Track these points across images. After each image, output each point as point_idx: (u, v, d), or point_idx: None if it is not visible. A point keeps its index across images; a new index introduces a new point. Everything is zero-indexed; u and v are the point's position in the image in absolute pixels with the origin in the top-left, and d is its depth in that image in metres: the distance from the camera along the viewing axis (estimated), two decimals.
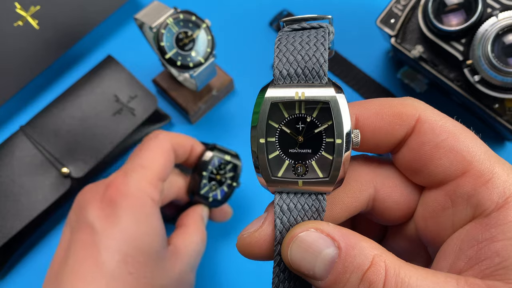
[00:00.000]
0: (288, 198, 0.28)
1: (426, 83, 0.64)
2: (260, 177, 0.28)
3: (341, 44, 0.70)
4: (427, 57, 0.58)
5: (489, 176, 0.26)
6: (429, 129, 0.28)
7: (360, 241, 0.25)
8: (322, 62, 0.27)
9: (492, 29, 0.51)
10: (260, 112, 0.27)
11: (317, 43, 0.28)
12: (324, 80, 0.27)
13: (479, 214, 0.26)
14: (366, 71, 0.69)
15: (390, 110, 0.28)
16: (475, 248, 0.25)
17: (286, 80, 0.27)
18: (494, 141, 0.65)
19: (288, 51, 0.27)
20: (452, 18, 0.54)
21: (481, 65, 0.52)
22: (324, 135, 0.27)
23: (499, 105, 0.56)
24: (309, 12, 0.71)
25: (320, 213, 0.27)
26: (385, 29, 0.59)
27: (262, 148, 0.27)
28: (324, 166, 0.27)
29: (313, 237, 0.25)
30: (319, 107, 0.27)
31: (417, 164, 0.28)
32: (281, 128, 0.27)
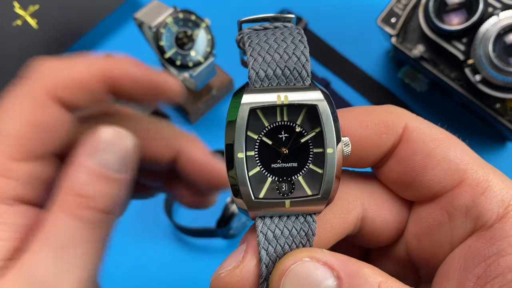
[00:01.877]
0: (272, 224, 0.23)
1: (426, 83, 0.64)
2: (240, 201, 0.23)
3: (342, 44, 0.70)
4: (428, 56, 0.57)
5: (486, 185, 0.24)
6: (418, 137, 0.25)
7: (362, 267, 0.22)
8: (304, 61, 0.23)
9: (493, 28, 0.51)
10: (237, 121, 0.23)
11: (295, 40, 0.24)
12: (308, 81, 0.24)
13: (480, 227, 0.24)
14: (367, 70, 0.69)
15: (375, 119, 0.26)
16: (482, 265, 0.23)
17: (264, 82, 0.23)
18: (494, 141, 0.65)
19: (263, 49, 0.24)
20: (453, 17, 0.54)
21: (482, 65, 0.52)
22: (311, 145, 0.24)
23: (501, 105, 0.55)
24: (309, 12, 0.71)
25: (309, 237, 0.24)
26: (386, 29, 0.59)
27: (241, 164, 0.23)
28: (313, 181, 0.23)
29: (308, 268, 0.22)
30: (304, 112, 0.23)
31: (408, 177, 0.25)
32: (261, 139, 0.23)
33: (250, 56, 0.24)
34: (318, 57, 0.69)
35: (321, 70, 0.69)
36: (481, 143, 0.65)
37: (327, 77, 0.69)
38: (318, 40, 0.70)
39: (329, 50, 0.70)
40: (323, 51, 0.70)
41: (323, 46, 0.70)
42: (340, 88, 0.68)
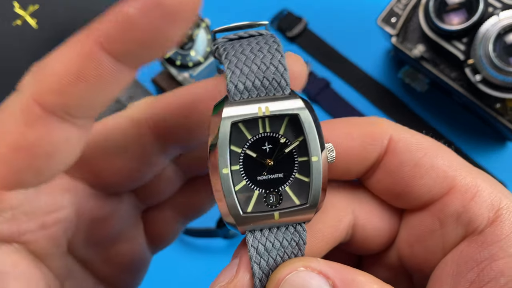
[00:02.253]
0: (263, 237, 0.23)
1: (427, 83, 0.64)
2: (228, 216, 0.23)
3: (342, 44, 0.70)
4: (428, 56, 0.57)
5: (475, 190, 0.24)
6: (404, 148, 0.25)
7: (356, 275, 0.22)
8: (282, 70, 0.23)
9: (493, 28, 0.51)
10: (219, 137, 0.22)
11: (271, 49, 0.24)
12: (287, 90, 0.23)
13: (471, 232, 0.24)
14: (367, 70, 0.69)
15: (359, 130, 0.25)
16: (475, 270, 0.23)
17: (243, 94, 0.23)
18: (494, 141, 0.65)
19: (240, 61, 0.23)
20: (453, 17, 0.54)
21: (482, 65, 0.52)
22: (295, 154, 0.23)
23: (501, 104, 0.55)
24: (309, 12, 0.71)
25: (301, 247, 0.24)
26: (386, 29, 0.59)
27: (226, 180, 0.22)
28: (301, 190, 0.23)
29: (304, 277, 0.22)
30: (286, 122, 0.23)
31: (398, 187, 0.25)
32: (245, 152, 0.23)
33: (228, 69, 0.23)
34: (318, 57, 0.69)
35: (321, 70, 0.69)
36: (481, 143, 0.65)
37: (327, 77, 0.69)
38: (318, 40, 0.70)
39: (329, 50, 0.70)
40: (323, 51, 0.70)
41: (323, 46, 0.70)
42: (340, 88, 0.68)
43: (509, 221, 0.23)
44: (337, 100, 0.68)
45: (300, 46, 0.70)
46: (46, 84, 0.22)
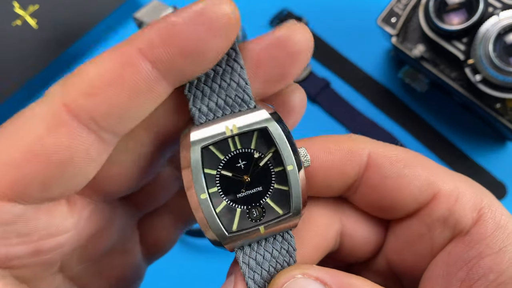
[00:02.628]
0: (253, 251, 0.23)
1: (427, 83, 0.64)
2: (214, 239, 0.23)
3: (342, 44, 0.70)
4: (428, 56, 0.57)
5: (457, 193, 0.25)
6: (384, 162, 0.25)
7: (352, 279, 0.23)
8: (243, 85, 0.23)
9: (493, 28, 0.51)
10: (191, 164, 0.22)
11: (230, 62, 0.23)
12: (251, 104, 0.23)
13: (458, 233, 0.25)
14: (367, 70, 0.68)
15: (337, 145, 0.26)
16: (464, 269, 0.24)
17: (208, 116, 0.23)
18: (495, 141, 0.65)
19: (200, 81, 0.23)
20: (453, 17, 0.54)
21: (482, 65, 0.52)
22: (271, 166, 0.23)
23: (501, 104, 0.55)
24: (309, 11, 0.71)
25: (291, 254, 0.24)
26: (386, 29, 0.59)
27: (206, 205, 0.22)
28: (282, 200, 0.23)
29: (302, 284, 0.22)
30: (256, 136, 0.23)
31: (384, 201, 0.26)
32: (220, 173, 0.23)
33: (188, 92, 0.23)
34: (318, 57, 0.69)
35: (321, 70, 0.69)
36: (481, 143, 0.65)
37: (327, 77, 0.69)
38: (318, 40, 0.70)
39: (329, 50, 0.70)
40: (323, 51, 0.70)
41: (323, 46, 0.70)
42: (340, 88, 0.68)
43: (492, 219, 0.24)
44: (337, 100, 0.68)
45: None
46: (77, 86, 0.21)
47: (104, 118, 0.21)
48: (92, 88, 0.20)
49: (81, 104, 0.20)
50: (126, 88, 0.20)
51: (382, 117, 0.67)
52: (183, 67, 0.21)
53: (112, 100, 0.20)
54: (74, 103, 0.20)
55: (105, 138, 0.21)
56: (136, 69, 0.20)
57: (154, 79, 0.21)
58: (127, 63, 0.20)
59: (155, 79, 0.21)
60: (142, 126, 0.23)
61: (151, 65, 0.20)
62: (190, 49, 0.20)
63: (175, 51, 0.20)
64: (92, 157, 0.21)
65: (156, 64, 0.20)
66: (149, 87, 0.21)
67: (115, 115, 0.21)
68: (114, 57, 0.21)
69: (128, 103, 0.21)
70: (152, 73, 0.20)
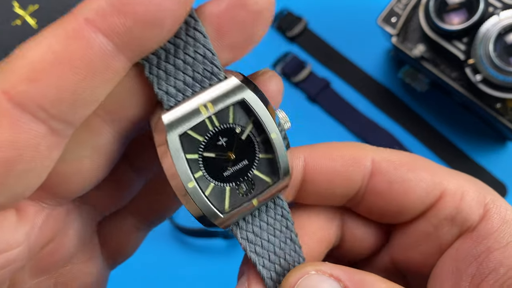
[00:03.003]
0: (249, 224, 0.23)
1: (427, 83, 0.64)
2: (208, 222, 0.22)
3: (342, 44, 0.70)
4: (428, 56, 0.57)
5: (462, 191, 0.25)
6: (389, 167, 0.25)
7: (364, 275, 0.23)
8: (210, 56, 0.21)
9: (493, 28, 0.51)
10: (171, 153, 0.20)
11: (190, 32, 0.20)
12: (221, 75, 0.21)
13: (465, 230, 0.25)
14: (367, 70, 0.68)
15: (339, 152, 0.25)
16: (474, 264, 0.24)
17: (178, 97, 0.21)
18: (495, 141, 0.65)
19: (161, 59, 0.20)
20: (453, 17, 0.54)
21: (482, 65, 0.52)
22: (253, 137, 0.22)
23: (501, 104, 0.55)
24: (309, 11, 0.71)
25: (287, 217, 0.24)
26: (386, 28, 0.59)
27: (195, 192, 0.21)
28: (269, 168, 0.23)
29: (316, 281, 0.22)
30: (232, 108, 0.22)
31: (392, 207, 0.26)
32: (202, 156, 0.22)
33: (150, 74, 0.20)
34: (318, 57, 0.69)
35: (321, 70, 0.69)
36: (482, 143, 0.65)
37: (327, 77, 0.68)
38: (318, 40, 0.70)
39: (329, 50, 0.70)
40: (323, 51, 0.70)
41: (323, 46, 0.70)
42: (340, 88, 0.68)
43: (497, 214, 0.25)
44: (337, 100, 0.67)
45: (300, 46, 0.70)
46: (16, 70, 0.17)
47: (54, 104, 0.17)
48: (34, 71, 0.17)
49: (24, 91, 0.17)
50: (77, 67, 0.17)
51: (382, 117, 0.67)
52: (140, 38, 0.18)
53: (61, 83, 0.17)
54: (15, 90, 0.17)
55: (57, 129, 0.18)
56: (87, 42, 0.17)
57: (110, 54, 0.17)
58: (74, 36, 0.17)
59: (111, 53, 0.17)
60: (98, 114, 0.20)
61: (105, 37, 0.17)
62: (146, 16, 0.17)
63: (130, 19, 0.17)
64: (43, 152, 0.18)
65: (111, 36, 0.17)
66: (105, 63, 0.17)
67: (67, 100, 0.17)
68: (57, 32, 0.18)
69: (81, 84, 0.17)
70: (108, 46, 0.17)
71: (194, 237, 0.62)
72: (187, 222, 0.61)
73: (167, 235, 0.63)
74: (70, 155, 0.20)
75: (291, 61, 0.68)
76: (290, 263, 0.24)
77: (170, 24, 0.18)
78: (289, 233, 0.24)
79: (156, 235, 0.63)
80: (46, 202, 0.21)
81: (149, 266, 0.62)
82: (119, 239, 0.29)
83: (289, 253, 0.24)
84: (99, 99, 0.18)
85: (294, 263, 0.24)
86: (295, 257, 0.24)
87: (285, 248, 0.24)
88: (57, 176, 0.20)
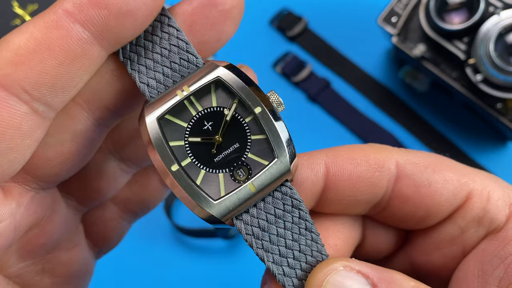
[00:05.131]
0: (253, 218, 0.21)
1: (427, 83, 0.64)
2: (204, 212, 0.21)
3: (342, 43, 0.69)
4: (429, 56, 0.57)
5: (487, 191, 0.24)
6: (414, 170, 0.24)
7: (393, 274, 0.22)
8: (184, 46, 0.22)
9: (494, 28, 0.51)
10: (151, 138, 0.20)
11: (164, 28, 0.22)
12: (200, 63, 0.22)
13: (492, 231, 0.24)
14: (367, 70, 0.68)
15: (364, 156, 0.24)
16: (501, 267, 0.23)
17: (159, 88, 0.21)
18: (495, 141, 0.65)
19: (141, 56, 0.21)
20: (454, 16, 0.54)
21: (483, 64, 0.52)
22: (240, 118, 0.21)
23: (502, 104, 0.55)
24: (309, 11, 0.70)
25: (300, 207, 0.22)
26: (387, 28, 0.59)
27: (181, 177, 0.20)
28: (264, 150, 0.21)
29: (345, 276, 0.21)
30: (213, 91, 0.21)
31: (419, 212, 0.25)
32: (188, 141, 0.21)
33: (132, 70, 0.21)
34: (318, 57, 0.69)
35: (321, 70, 0.69)
36: (482, 143, 0.65)
37: (327, 77, 0.68)
38: (318, 40, 0.70)
39: (329, 50, 0.69)
40: (323, 51, 0.69)
41: (323, 46, 0.70)
42: (340, 88, 0.68)
43: None
44: (337, 100, 0.67)
45: (300, 45, 0.70)
46: (2, 54, 0.19)
47: (35, 87, 0.19)
48: (17, 56, 0.19)
49: (8, 74, 0.19)
50: (56, 53, 0.19)
51: (382, 117, 0.67)
52: (115, 28, 0.19)
53: (41, 67, 0.19)
54: (1, 73, 0.19)
55: (39, 110, 0.20)
56: (66, 31, 0.19)
57: (87, 42, 0.19)
58: (53, 26, 0.19)
59: (87, 42, 0.19)
60: (77, 101, 0.22)
61: (82, 26, 0.19)
62: (120, 8, 0.19)
63: (105, 11, 0.19)
64: (25, 131, 0.19)
65: (87, 26, 0.19)
66: (82, 50, 0.19)
67: (47, 83, 0.19)
68: (38, 22, 0.19)
69: (60, 69, 0.19)
70: (84, 35, 0.19)
71: (194, 237, 0.62)
72: (187, 222, 0.61)
73: (167, 235, 0.63)
74: (52, 138, 0.22)
75: (291, 61, 0.68)
76: (308, 254, 0.22)
77: (143, 16, 0.20)
78: (303, 223, 0.22)
79: (156, 235, 0.63)
80: (30, 186, 0.23)
81: (149, 266, 0.62)
82: (103, 229, 0.30)
83: (305, 244, 0.22)
84: (78, 85, 0.20)
85: (312, 252, 0.23)
86: (313, 247, 0.23)
87: (300, 240, 0.22)
88: (39, 159, 0.22)
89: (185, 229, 0.61)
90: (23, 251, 0.24)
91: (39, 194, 0.23)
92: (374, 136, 0.66)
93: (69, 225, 0.27)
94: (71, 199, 0.27)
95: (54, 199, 0.25)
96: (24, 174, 0.22)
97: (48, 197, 0.24)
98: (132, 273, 0.61)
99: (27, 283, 0.25)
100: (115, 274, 0.60)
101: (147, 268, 0.61)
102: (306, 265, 0.22)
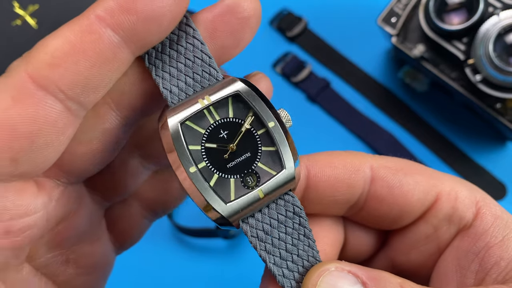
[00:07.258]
0: (258, 222, 0.23)
1: (427, 83, 0.64)
2: (214, 213, 0.23)
3: (342, 44, 0.70)
4: (428, 56, 0.57)
5: (455, 191, 0.27)
6: (387, 173, 0.26)
7: (380, 272, 0.24)
8: (207, 59, 0.24)
9: (493, 28, 0.51)
10: (174, 143, 0.22)
11: (189, 39, 0.24)
12: (219, 77, 0.24)
13: (462, 228, 0.26)
14: (367, 70, 0.68)
15: (340, 160, 0.26)
16: (476, 260, 0.25)
17: (180, 96, 0.23)
18: (495, 141, 0.65)
19: (166, 63, 0.23)
20: (453, 17, 0.54)
21: (482, 65, 0.52)
22: (253, 130, 0.24)
23: (501, 104, 0.55)
24: (309, 11, 0.71)
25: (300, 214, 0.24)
26: (386, 28, 0.59)
27: (198, 178, 0.22)
28: (273, 161, 0.24)
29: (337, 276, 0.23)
30: (231, 103, 0.24)
31: (393, 211, 0.27)
32: (204, 147, 0.23)
33: (156, 76, 0.23)
34: (318, 57, 0.69)
35: (321, 70, 0.69)
36: (481, 143, 0.65)
37: (327, 77, 0.69)
38: (318, 40, 0.70)
39: (329, 50, 0.70)
40: (323, 51, 0.70)
41: (323, 46, 0.70)
42: (340, 88, 0.68)
43: (489, 211, 0.26)
44: (337, 100, 0.67)
45: (300, 46, 0.70)
46: (39, 58, 0.21)
47: (70, 87, 0.21)
48: (54, 59, 0.20)
49: (46, 75, 0.20)
50: (89, 56, 0.21)
51: (382, 117, 0.67)
52: (143, 33, 0.21)
53: (76, 69, 0.21)
54: (38, 73, 0.20)
55: (72, 108, 0.21)
56: (98, 35, 0.21)
57: (117, 45, 0.21)
58: (87, 30, 0.21)
59: (117, 45, 0.21)
60: (106, 101, 0.24)
61: (113, 31, 0.21)
62: (147, 14, 0.21)
63: (134, 16, 0.21)
64: (60, 128, 0.21)
65: (118, 30, 0.21)
66: (113, 53, 0.21)
67: (80, 84, 0.21)
68: (73, 27, 0.21)
69: (92, 70, 0.21)
70: (114, 39, 0.21)
71: (194, 237, 0.62)
72: (187, 222, 0.62)
73: (167, 235, 0.63)
74: (82, 135, 0.24)
75: (291, 61, 0.68)
76: (304, 259, 0.24)
77: (167, 21, 0.22)
78: (302, 229, 0.24)
79: (156, 235, 0.63)
80: (61, 180, 0.24)
81: (149, 266, 0.62)
82: (124, 225, 0.31)
83: (302, 249, 0.24)
84: (107, 85, 0.22)
85: (308, 257, 0.24)
86: (309, 252, 0.24)
87: (298, 245, 0.24)
88: (71, 155, 0.24)
89: (185, 228, 0.61)
90: (52, 242, 0.26)
91: (68, 188, 0.25)
92: (374, 136, 0.66)
93: (93, 219, 0.28)
94: (96, 194, 0.28)
95: (81, 193, 0.27)
96: (56, 169, 0.24)
97: (75, 191, 0.26)
98: (132, 272, 0.61)
99: (53, 273, 0.27)
100: (115, 274, 0.60)
101: (147, 268, 0.62)
102: (303, 269, 0.24)
